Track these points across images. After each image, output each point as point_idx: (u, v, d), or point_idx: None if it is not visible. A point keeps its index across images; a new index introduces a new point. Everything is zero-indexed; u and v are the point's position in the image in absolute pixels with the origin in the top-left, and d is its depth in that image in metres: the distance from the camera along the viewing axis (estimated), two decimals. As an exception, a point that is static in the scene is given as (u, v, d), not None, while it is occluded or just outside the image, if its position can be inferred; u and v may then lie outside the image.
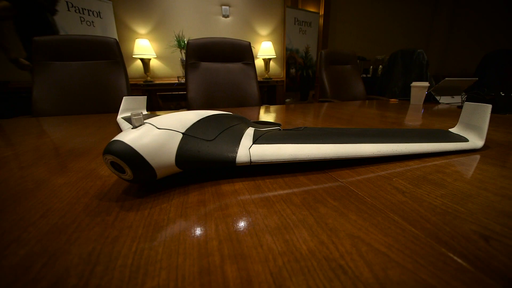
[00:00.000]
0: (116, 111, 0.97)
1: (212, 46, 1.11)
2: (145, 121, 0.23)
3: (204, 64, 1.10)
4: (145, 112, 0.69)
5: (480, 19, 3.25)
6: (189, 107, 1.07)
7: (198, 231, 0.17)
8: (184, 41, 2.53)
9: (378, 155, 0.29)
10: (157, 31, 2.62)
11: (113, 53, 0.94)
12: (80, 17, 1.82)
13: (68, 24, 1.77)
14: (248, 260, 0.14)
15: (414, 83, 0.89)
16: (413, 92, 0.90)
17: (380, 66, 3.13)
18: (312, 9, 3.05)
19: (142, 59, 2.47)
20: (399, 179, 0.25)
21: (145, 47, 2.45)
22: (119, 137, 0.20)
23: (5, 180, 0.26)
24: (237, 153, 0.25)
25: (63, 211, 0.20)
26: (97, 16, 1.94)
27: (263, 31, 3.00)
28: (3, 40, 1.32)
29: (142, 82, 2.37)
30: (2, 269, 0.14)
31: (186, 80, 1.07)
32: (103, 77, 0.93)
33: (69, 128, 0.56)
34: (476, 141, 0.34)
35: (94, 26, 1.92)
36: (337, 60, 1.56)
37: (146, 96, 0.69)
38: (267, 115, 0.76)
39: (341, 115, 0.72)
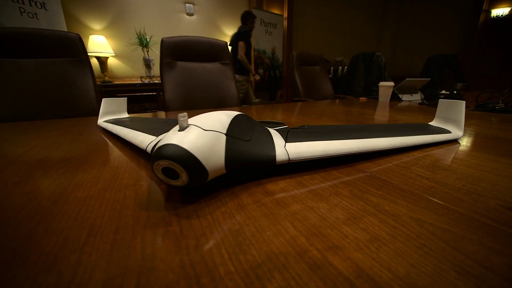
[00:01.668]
0: (85, 114, 0.87)
1: (188, 45, 1.07)
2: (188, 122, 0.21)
3: (181, 64, 1.05)
4: (126, 115, 0.64)
5: (421, 28, 3.79)
6: (166, 109, 1.02)
7: (278, 230, 0.17)
8: (147, 39, 2.37)
9: (390, 148, 0.32)
10: (114, 27, 2.40)
11: (77, 50, 0.83)
12: (20, 7, 1.56)
13: (4, 16, 1.50)
14: (345, 250, 0.15)
15: (381, 83, 1.00)
16: (381, 91, 1.00)
17: (340, 67, 3.38)
18: (276, 11, 3.15)
19: (98, 57, 2.24)
20: (416, 167, 0.28)
21: (101, 44, 2.23)
22: (170, 140, 0.19)
23: (6, 198, 0.22)
24: (275, 152, 0.26)
25: (111, 226, 0.18)
26: (41, 7, 1.69)
27: (229, 31, 2.98)
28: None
29: (99, 83, 2.15)
30: (88, 297, 0.12)
31: (162, 80, 1.01)
32: (66, 77, 0.82)
33: (40, 136, 0.48)
34: (457, 132, 0.40)
35: (38, 19, 1.67)
36: (307, 61, 1.64)
37: (126, 98, 0.64)
38: (260, 115, 0.77)
39: (326, 113, 0.76)
